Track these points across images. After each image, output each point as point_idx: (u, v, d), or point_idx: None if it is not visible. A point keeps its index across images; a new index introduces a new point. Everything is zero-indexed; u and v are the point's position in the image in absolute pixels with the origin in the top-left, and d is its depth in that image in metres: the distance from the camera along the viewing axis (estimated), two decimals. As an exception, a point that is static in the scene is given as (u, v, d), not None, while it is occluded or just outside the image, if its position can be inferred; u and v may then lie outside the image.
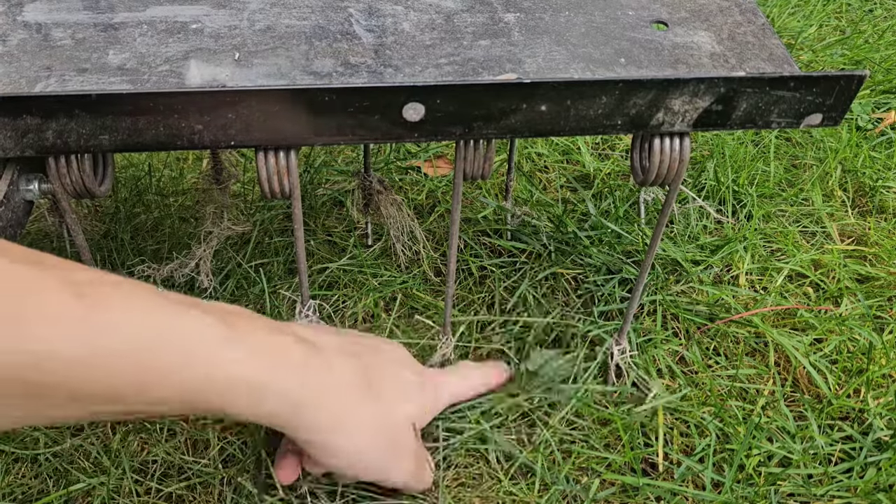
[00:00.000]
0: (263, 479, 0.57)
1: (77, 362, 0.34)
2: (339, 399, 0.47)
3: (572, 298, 0.74)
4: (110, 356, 0.35)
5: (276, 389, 0.43)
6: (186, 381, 0.38)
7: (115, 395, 0.36)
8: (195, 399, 0.39)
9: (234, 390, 0.41)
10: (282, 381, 0.43)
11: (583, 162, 0.91)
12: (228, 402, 0.41)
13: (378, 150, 0.92)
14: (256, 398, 0.42)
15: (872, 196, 0.89)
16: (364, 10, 0.53)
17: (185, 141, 0.43)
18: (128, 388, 0.36)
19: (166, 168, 0.87)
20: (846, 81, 0.46)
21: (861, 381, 0.66)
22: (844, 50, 1.15)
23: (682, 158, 0.49)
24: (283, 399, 0.44)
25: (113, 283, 0.37)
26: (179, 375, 0.38)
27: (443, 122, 0.45)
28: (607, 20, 0.53)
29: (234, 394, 0.41)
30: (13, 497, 0.57)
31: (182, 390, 0.38)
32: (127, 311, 0.36)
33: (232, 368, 0.40)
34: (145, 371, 0.36)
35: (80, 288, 0.34)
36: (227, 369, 0.40)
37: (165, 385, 0.38)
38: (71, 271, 0.36)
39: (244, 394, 0.41)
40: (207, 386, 0.39)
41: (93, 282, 0.36)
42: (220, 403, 0.41)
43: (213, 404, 0.40)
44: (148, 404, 0.38)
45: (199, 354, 0.39)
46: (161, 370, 0.37)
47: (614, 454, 0.60)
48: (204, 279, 0.68)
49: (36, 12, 0.50)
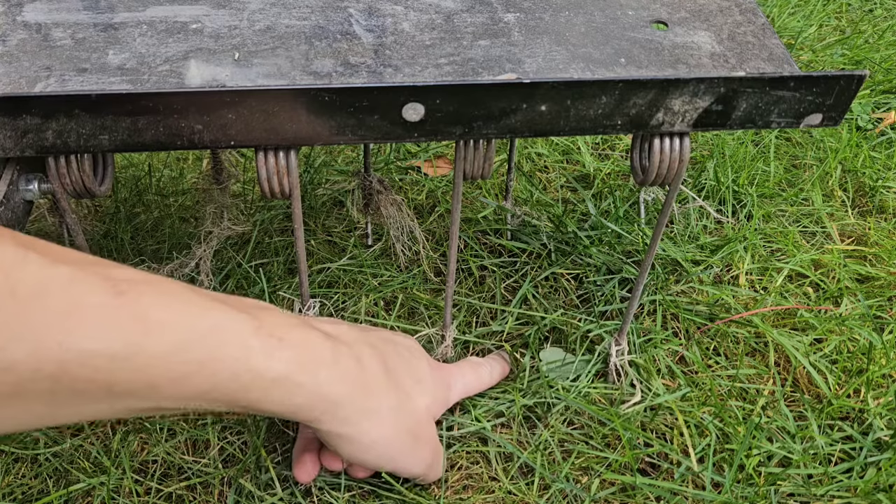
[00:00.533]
0: (264, 479, 0.57)
1: (118, 358, 0.35)
2: (368, 391, 0.48)
3: (572, 298, 0.74)
4: (148, 351, 0.36)
5: (307, 384, 0.44)
6: (219, 375, 0.39)
7: (152, 390, 0.37)
8: (227, 394, 0.40)
9: (266, 385, 0.41)
10: (313, 375, 0.44)
11: (583, 162, 0.91)
12: (260, 397, 0.42)
13: (378, 150, 0.92)
14: (288, 392, 0.43)
15: (872, 196, 0.89)
16: (364, 10, 0.53)
17: (185, 141, 0.43)
18: (164, 382, 0.37)
19: (166, 168, 0.87)
20: (846, 81, 0.46)
21: (861, 381, 0.66)
22: (844, 50, 1.15)
23: (682, 158, 0.49)
24: (315, 393, 0.44)
25: (147, 281, 0.38)
26: (212, 369, 0.39)
27: (443, 122, 0.45)
28: (607, 20, 0.53)
29: (265, 388, 0.42)
30: (13, 497, 0.57)
31: (215, 384, 0.39)
32: (162, 306, 0.37)
33: (264, 363, 0.41)
34: (180, 365, 0.37)
35: (118, 285, 0.36)
36: (260, 364, 0.41)
37: (199, 379, 0.38)
38: (107, 268, 0.37)
39: (276, 388, 0.42)
40: (240, 380, 0.40)
41: (130, 279, 0.37)
42: (251, 398, 0.41)
43: (245, 399, 0.41)
44: (181, 399, 0.39)
45: (231, 349, 0.40)
46: (195, 364, 0.38)
47: (614, 454, 0.60)
48: (204, 279, 0.68)
49: (36, 12, 0.50)
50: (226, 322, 0.40)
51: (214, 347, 0.39)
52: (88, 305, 0.34)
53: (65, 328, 0.33)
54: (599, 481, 0.58)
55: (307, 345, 0.45)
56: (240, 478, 0.57)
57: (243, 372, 0.40)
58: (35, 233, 0.77)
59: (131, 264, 0.72)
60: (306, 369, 0.44)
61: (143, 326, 0.36)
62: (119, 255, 0.74)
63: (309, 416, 0.45)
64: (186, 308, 0.39)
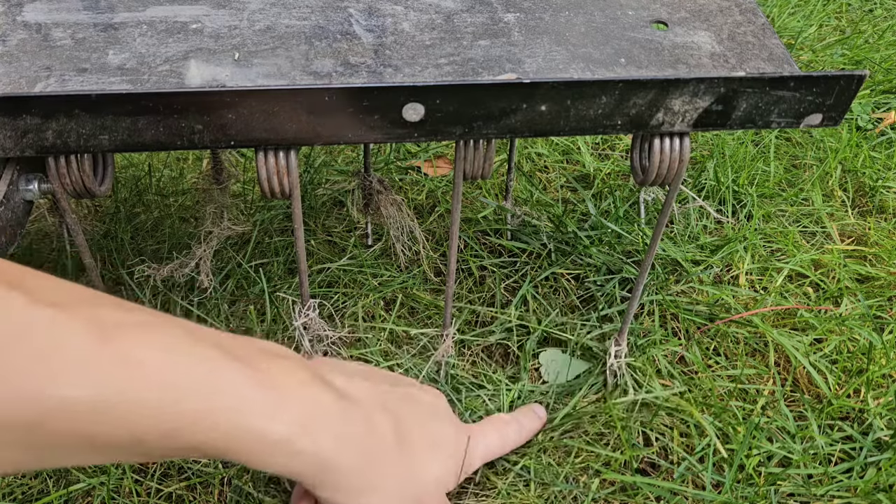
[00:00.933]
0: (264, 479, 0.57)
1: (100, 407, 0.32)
2: (371, 461, 0.45)
3: (572, 298, 0.74)
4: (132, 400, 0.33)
5: (307, 448, 0.41)
6: (213, 432, 0.36)
7: (137, 443, 0.35)
8: (221, 450, 0.38)
9: (264, 447, 0.39)
10: (315, 440, 0.41)
11: (583, 162, 0.91)
12: (256, 457, 0.39)
13: (378, 150, 0.92)
14: (287, 457, 0.40)
15: (872, 196, 0.89)
16: (364, 10, 0.53)
17: (185, 141, 0.43)
18: (151, 436, 0.35)
19: (166, 168, 0.87)
20: (846, 81, 0.46)
21: (861, 381, 0.66)
22: (844, 50, 1.15)
23: (682, 158, 0.49)
24: (314, 459, 0.41)
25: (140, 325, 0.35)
26: (205, 425, 0.36)
27: (443, 122, 0.45)
28: (607, 20, 0.53)
29: (263, 451, 0.39)
30: (13, 497, 0.57)
31: (207, 440, 0.36)
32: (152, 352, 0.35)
33: (262, 423, 0.38)
34: (170, 419, 0.35)
35: (105, 331, 0.33)
36: (257, 423, 0.38)
37: (190, 434, 0.36)
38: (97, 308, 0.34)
39: (276, 451, 0.39)
40: (234, 438, 0.37)
41: (119, 323, 0.34)
42: (246, 457, 0.39)
43: (239, 457, 0.38)
44: (170, 451, 0.36)
45: (226, 405, 0.37)
46: (186, 419, 0.35)
47: (615, 453, 0.60)
48: (204, 279, 0.68)
49: (36, 12, 0.50)
50: (225, 374, 0.37)
51: (207, 402, 0.36)
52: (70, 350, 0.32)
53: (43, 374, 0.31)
54: (599, 481, 0.58)
55: (312, 405, 0.42)
56: (240, 478, 0.57)
57: (240, 430, 0.37)
58: (35, 233, 0.77)
59: (131, 264, 0.72)
60: (309, 433, 0.41)
61: (127, 373, 0.33)
62: (119, 255, 0.74)
63: (308, 481, 0.43)
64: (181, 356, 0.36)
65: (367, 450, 0.45)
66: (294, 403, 0.40)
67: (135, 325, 0.35)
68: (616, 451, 0.60)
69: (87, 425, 0.32)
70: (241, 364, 0.39)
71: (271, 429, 0.39)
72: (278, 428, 0.39)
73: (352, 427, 0.44)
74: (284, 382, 0.41)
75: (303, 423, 0.40)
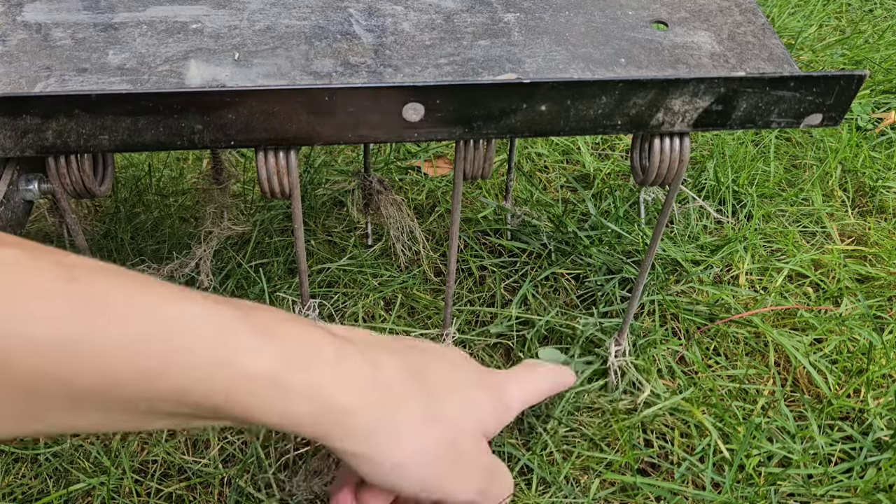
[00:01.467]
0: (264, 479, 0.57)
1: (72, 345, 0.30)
2: (386, 400, 0.39)
3: (572, 298, 0.74)
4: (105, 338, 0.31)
5: (298, 384, 0.36)
6: (193, 372, 0.33)
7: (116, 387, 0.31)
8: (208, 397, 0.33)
9: (251, 386, 0.34)
10: (307, 375, 0.36)
11: (583, 162, 0.91)
12: (249, 402, 0.34)
13: (378, 150, 0.92)
14: (281, 397, 0.35)
15: (872, 196, 0.89)
16: (364, 10, 0.53)
17: (185, 141, 0.43)
18: (128, 377, 0.31)
19: (166, 168, 0.87)
20: (846, 81, 0.46)
21: (861, 381, 0.66)
22: (844, 50, 1.15)
23: (682, 158, 0.49)
24: (311, 398, 0.36)
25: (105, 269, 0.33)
26: (183, 363, 0.32)
27: (443, 122, 0.45)
28: (607, 20, 0.53)
29: (252, 390, 0.34)
30: (13, 497, 0.57)
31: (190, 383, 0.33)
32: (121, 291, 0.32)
33: (248, 359, 0.34)
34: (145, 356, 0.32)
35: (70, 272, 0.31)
36: (242, 360, 0.34)
37: (170, 376, 0.32)
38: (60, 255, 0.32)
39: (265, 391, 0.35)
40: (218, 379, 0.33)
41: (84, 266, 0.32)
42: (239, 402, 0.34)
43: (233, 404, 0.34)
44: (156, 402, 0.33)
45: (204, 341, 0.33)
46: (163, 356, 0.32)
47: (614, 454, 0.60)
48: (204, 279, 0.68)
49: (36, 12, 0.50)
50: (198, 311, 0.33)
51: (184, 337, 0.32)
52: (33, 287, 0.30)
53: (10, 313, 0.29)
54: (599, 481, 0.58)
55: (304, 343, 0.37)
56: (240, 478, 0.57)
57: (221, 367, 0.33)
58: (35, 233, 0.77)
59: (131, 264, 0.72)
60: (298, 368, 0.36)
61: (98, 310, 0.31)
62: (119, 255, 0.74)
63: (315, 430, 0.37)
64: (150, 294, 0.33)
65: (375, 386, 0.39)
66: (278, 338, 0.36)
67: (100, 269, 0.33)
68: (617, 451, 0.60)
69: (56, 366, 0.30)
70: (220, 304, 0.35)
71: (256, 363, 0.34)
72: (264, 362, 0.34)
73: (351, 363, 0.39)
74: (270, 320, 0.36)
75: (289, 358, 0.36)
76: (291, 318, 0.38)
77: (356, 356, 0.39)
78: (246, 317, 0.35)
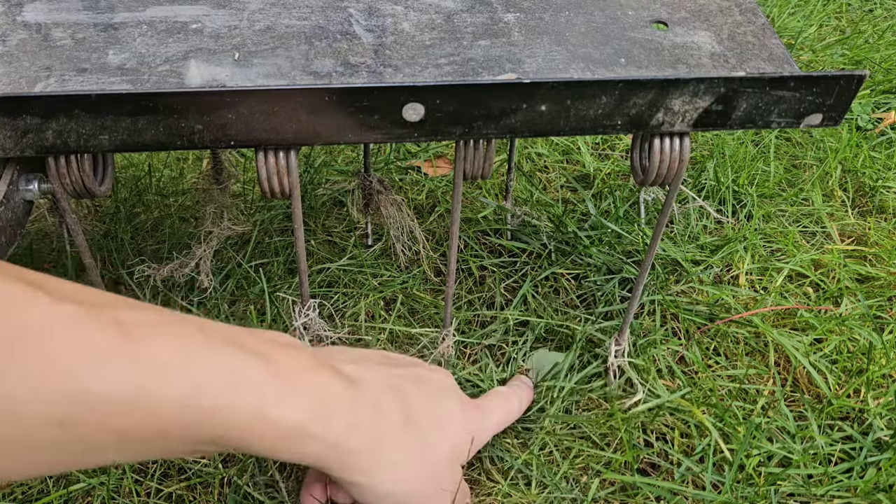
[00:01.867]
0: (264, 479, 0.57)
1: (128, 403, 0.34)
2: (380, 441, 0.46)
3: (572, 298, 0.74)
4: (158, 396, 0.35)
5: (321, 434, 0.42)
6: (232, 423, 0.38)
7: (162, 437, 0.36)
8: (237, 441, 0.39)
9: (278, 434, 0.40)
10: (328, 425, 0.43)
11: (583, 162, 0.91)
12: (270, 445, 0.40)
13: (378, 150, 0.92)
14: (300, 443, 0.42)
15: (872, 196, 0.89)
16: (364, 10, 0.53)
17: (185, 141, 0.43)
18: (174, 428, 0.36)
19: (166, 168, 0.87)
20: (846, 81, 0.46)
21: (861, 381, 0.66)
22: (844, 50, 1.15)
23: (682, 158, 0.49)
24: (329, 443, 0.43)
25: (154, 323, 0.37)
26: (224, 416, 0.38)
27: (443, 122, 0.45)
28: (607, 20, 0.53)
29: (278, 437, 0.40)
30: (13, 497, 0.57)
31: (226, 432, 0.38)
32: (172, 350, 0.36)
33: (276, 412, 0.40)
34: (192, 411, 0.36)
35: (124, 329, 0.35)
36: (272, 412, 0.40)
37: (210, 426, 0.37)
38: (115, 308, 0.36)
39: (289, 437, 0.41)
40: (252, 429, 0.39)
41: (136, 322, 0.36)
42: (260, 446, 0.40)
43: (256, 446, 0.40)
44: (190, 444, 0.38)
45: (246, 396, 0.39)
46: (206, 412, 0.37)
47: (615, 454, 0.60)
48: (204, 279, 0.68)
49: (36, 12, 0.50)
50: (239, 366, 0.39)
51: (228, 394, 0.38)
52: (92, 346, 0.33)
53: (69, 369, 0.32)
54: (599, 481, 0.58)
55: (322, 392, 0.43)
56: (240, 478, 0.57)
57: (257, 420, 0.39)
58: (35, 233, 0.77)
59: (131, 264, 0.72)
60: (320, 419, 0.42)
61: (152, 370, 0.35)
62: (119, 255, 0.74)
63: (323, 465, 0.44)
64: (198, 351, 0.38)
65: (376, 432, 0.46)
66: (305, 391, 0.42)
67: (150, 324, 0.37)
68: (617, 451, 0.60)
69: (116, 420, 0.34)
70: (254, 356, 0.40)
71: (285, 416, 0.40)
72: (292, 415, 0.41)
73: (361, 411, 0.45)
74: (295, 372, 0.42)
75: (314, 410, 0.42)
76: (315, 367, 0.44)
77: (365, 404, 0.46)
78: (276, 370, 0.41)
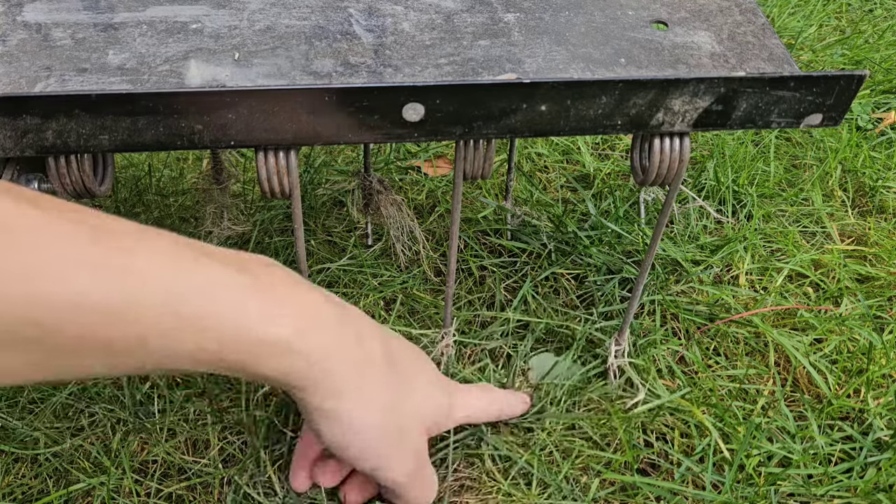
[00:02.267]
0: (264, 479, 0.57)
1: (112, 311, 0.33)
2: (364, 371, 0.45)
3: (572, 298, 0.74)
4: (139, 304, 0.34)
5: (303, 349, 0.41)
6: (210, 333, 0.37)
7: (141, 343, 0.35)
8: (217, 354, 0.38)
9: (260, 348, 0.39)
10: (310, 341, 0.41)
11: (583, 162, 0.91)
12: (251, 360, 0.39)
13: (378, 150, 0.92)
14: (281, 356, 0.40)
15: (872, 196, 0.89)
16: (364, 10, 0.53)
17: (185, 141, 0.43)
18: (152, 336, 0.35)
19: (166, 168, 0.87)
20: (846, 81, 0.46)
21: (861, 381, 0.66)
22: (844, 50, 1.15)
23: (682, 158, 0.49)
24: (308, 359, 0.41)
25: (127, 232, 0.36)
26: (203, 326, 0.36)
27: (443, 122, 0.45)
28: (607, 20, 0.53)
29: (259, 351, 0.39)
30: (13, 497, 0.57)
31: (205, 343, 0.37)
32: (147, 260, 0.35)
33: (260, 325, 0.38)
34: (171, 319, 0.35)
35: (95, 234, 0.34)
36: (255, 325, 0.38)
37: (189, 337, 0.36)
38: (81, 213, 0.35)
39: (270, 351, 0.39)
40: (232, 342, 0.38)
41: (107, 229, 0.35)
42: (243, 360, 0.39)
43: (235, 361, 0.39)
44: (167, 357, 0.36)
45: (225, 308, 0.37)
46: (187, 320, 0.36)
47: (615, 454, 0.60)
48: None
49: (36, 12, 0.50)
50: (219, 278, 0.38)
51: (207, 303, 0.36)
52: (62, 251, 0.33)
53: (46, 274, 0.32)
54: (599, 481, 0.58)
55: (311, 306, 0.42)
56: (239, 478, 0.57)
57: (237, 332, 0.38)
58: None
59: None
60: (306, 335, 0.41)
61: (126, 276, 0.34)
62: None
63: (298, 383, 0.42)
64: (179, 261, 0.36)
65: (357, 359, 0.44)
66: (291, 306, 0.40)
67: (123, 233, 0.36)
68: (617, 451, 0.60)
69: (101, 328, 0.33)
70: (235, 269, 0.39)
71: (270, 331, 0.39)
72: (277, 330, 0.39)
73: (346, 334, 0.44)
74: (280, 286, 0.41)
75: (300, 325, 0.40)
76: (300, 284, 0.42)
77: (350, 327, 0.44)
78: (259, 283, 0.39)
